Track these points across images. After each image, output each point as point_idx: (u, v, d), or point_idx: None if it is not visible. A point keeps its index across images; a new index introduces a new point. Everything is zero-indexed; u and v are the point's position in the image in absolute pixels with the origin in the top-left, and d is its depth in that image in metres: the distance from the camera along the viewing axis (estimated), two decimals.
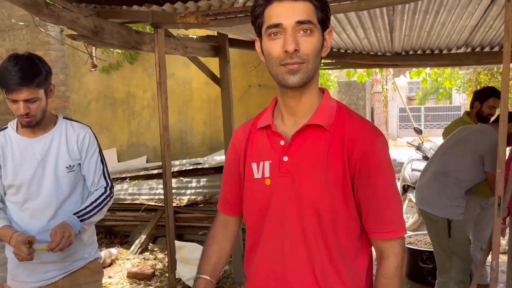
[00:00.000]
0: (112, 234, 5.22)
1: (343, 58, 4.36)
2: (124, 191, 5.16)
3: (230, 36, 4.08)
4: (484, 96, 3.39)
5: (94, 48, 6.50)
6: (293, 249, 1.08)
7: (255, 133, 1.17)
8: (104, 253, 4.39)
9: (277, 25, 1.01)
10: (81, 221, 1.70)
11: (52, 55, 6.62)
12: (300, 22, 1.00)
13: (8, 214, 1.75)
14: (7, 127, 1.78)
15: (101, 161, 1.86)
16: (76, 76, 6.71)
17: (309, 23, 1.01)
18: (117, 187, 5.24)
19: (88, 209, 1.74)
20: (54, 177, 1.74)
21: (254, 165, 1.13)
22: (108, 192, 1.84)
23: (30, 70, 1.61)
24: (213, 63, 4.25)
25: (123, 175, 5.46)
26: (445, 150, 2.97)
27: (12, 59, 1.62)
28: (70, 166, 1.77)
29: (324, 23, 1.05)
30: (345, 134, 1.06)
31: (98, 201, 1.78)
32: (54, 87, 1.77)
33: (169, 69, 6.09)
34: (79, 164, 1.81)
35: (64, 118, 1.85)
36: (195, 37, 4.22)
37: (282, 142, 1.10)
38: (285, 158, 1.08)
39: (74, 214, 1.71)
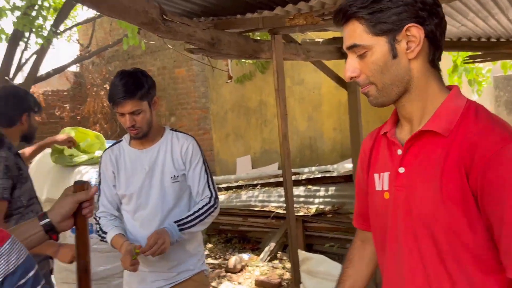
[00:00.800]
0: (245, 240, 5.36)
1: (494, 48, 3.69)
2: (255, 197, 5.26)
3: None
4: None
5: (229, 60, 6.87)
6: (412, 274, 0.94)
7: (380, 141, 1.07)
8: (235, 258, 4.52)
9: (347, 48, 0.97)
10: (180, 230, 1.71)
11: (194, 70, 7.22)
12: (349, 48, 0.94)
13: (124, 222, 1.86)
14: (122, 140, 1.90)
15: (205, 171, 1.85)
16: (215, 88, 7.16)
17: (356, 47, 0.92)
18: (248, 193, 5.38)
19: (189, 218, 1.75)
20: (160, 188, 1.79)
21: (376, 176, 1.04)
22: (212, 202, 1.82)
23: (133, 84, 1.70)
24: (342, 66, 4.03)
25: (255, 182, 5.58)
26: None
27: (118, 74, 1.73)
28: (174, 176, 1.80)
29: (391, 30, 0.90)
30: (464, 139, 0.88)
31: (201, 211, 1.77)
32: (158, 99, 1.82)
33: (299, 75, 6.09)
34: (184, 174, 1.83)
35: (170, 129, 1.90)
36: (321, 40, 4.06)
37: (399, 152, 0.98)
38: (401, 170, 0.96)
39: (175, 222, 1.73)
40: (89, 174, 2.60)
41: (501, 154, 0.82)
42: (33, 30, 5.17)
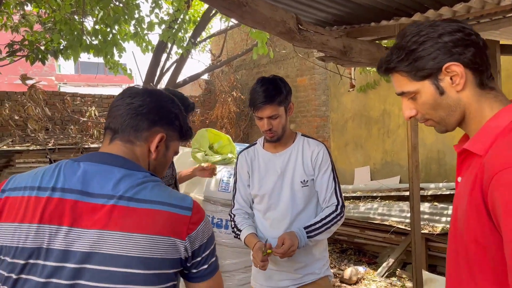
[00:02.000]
0: (361, 252, 5.22)
1: None
2: (374, 210, 5.09)
3: (502, 41, 3.47)
4: None
5: (353, 69, 6.78)
6: (451, 272, 1.04)
7: None
8: (351, 270, 4.42)
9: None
10: (308, 237, 1.75)
11: (316, 78, 7.29)
12: (399, 95, 1.05)
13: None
14: (256, 143, 2.01)
15: (334, 178, 1.87)
16: (336, 96, 7.13)
17: (405, 94, 1.03)
18: (367, 205, 5.23)
19: (317, 226, 1.78)
20: (290, 191, 1.85)
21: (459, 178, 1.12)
22: (338, 211, 1.84)
23: (273, 90, 1.79)
24: None
25: (374, 194, 5.40)
26: None
27: (259, 81, 1.84)
28: (304, 181, 1.84)
29: (431, 73, 0.98)
30: (485, 159, 0.94)
31: (328, 219, 1.80)
32: (293, 105, 1.89)
33: None
34: (313, 179, 1.87)
35: (302, 135, 1.96)
36: None
37: None
38: (459, 179, 1.06)
39: (305, 228, 1.77)
40: (221, 172, 2.81)
41: (501, 175, 0.86)
42: (175, 41, 5.77)
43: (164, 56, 6.43)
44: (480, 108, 1.01)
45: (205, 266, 0.97)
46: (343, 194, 6.01)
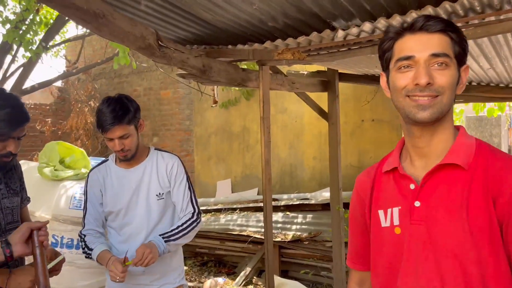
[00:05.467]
0: (221, 264, 5.37)
1: (468, 91, 3.93)
2: (234, 221, 5.31)
3: (340, 70, 4.02)
4: None
5: (216, 86, 7.02)
6: None
7: (380, 178, 1.08)
8: (210, 281, 4.52)
9: (408, 58, 0.95)
10: (166, 241, 1.79)
11: (180, 92, 7.33)
12: (435, 55, 0.94)
13: (108, 238, 1.91)
14: (108, 160, 1.98)
15: (189, 188, 1.96)
16: (200, 111, 7.27)
17: (445, 56, 0.94)
18: (227, 217, 5.42)
19: (174, 232, 1.84)
20: (145, 205, 1.87)
21: (381, 212, 1.04)
22: (195, 217, 1.92)
23: (120, 110, 1.78)
24: (325, 98, 4.21)
25: (234, 206, 5.64)
26: None
27: (105, 102, 1.82)
28: (159, 194, 1.89)
29: (461, 58, 0.97)
30: (488, 174, 0.92)
31: (185, 225, 1.87)
32: (143, 122, 1.92)
33: (282, 104, 6.27)
34: (169, 192, 1.92)
35: (155, 149, 2.00)
36: (305, 72, 4.25)
37: (412, 186, 0.99)
38: (417, 204, 0.97)
39: (160, 235, 1.82)
40: (74, 189, 2.64)
41: None
42: (22, 43, 5.22)
43: (9, 58, 5.75)
44: (451, 122, 1.00)
45: None
46: (206, 207, 6.10)
